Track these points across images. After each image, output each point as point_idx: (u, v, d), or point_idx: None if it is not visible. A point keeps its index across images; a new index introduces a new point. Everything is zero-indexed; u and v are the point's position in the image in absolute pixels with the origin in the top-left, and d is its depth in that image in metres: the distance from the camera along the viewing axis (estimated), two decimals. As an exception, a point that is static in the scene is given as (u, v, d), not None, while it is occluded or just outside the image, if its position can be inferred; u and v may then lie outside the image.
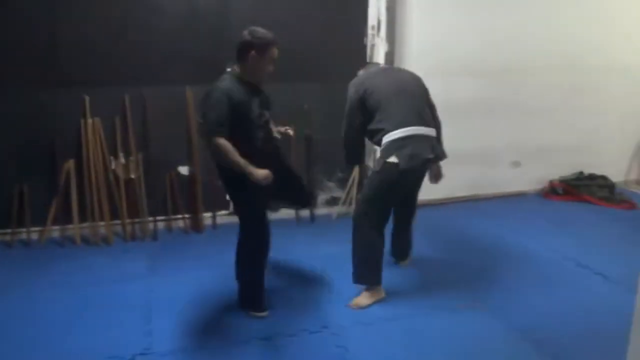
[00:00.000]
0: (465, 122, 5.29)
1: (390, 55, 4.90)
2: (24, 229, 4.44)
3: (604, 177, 5.62)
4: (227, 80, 3.00)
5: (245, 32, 3.01)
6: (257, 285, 3.30)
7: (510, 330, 3.14)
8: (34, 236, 4.46)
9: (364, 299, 3.40)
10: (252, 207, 3.18)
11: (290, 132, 3.44)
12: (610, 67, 5.56)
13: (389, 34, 4.87)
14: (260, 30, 3.00)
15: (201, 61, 4.55)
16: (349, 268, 3.48)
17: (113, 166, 4.49)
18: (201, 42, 4.54)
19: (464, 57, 5.13)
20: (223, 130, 2.89)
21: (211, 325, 3.21)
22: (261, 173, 2.91)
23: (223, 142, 2.89)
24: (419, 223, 4.21)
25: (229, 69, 3.14)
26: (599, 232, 4.74)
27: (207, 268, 3.96)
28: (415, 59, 5.06)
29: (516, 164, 5.62)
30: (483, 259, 4.14)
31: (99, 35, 4.30)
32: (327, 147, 5.05)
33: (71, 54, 4.28)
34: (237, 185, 3.07)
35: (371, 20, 4.88)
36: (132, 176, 4.53)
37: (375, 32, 4.88)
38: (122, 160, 4.50)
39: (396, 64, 4.96)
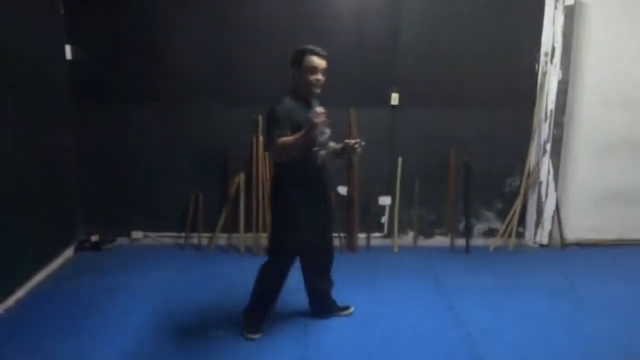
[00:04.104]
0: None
1: (563, 84, 4.66)
2: (196, 234, 4.82)
3: None
4: (286, 99, 3.07)
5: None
6: (260, 309, 3.37)
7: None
8: (204, 242, 4.83)
9: None
10: (287, 236, 3.22)
11: (357, 146, 3.15)
12: None
13: (564, 61, 4.64)
14: (304, 45, 3.09)
15: (367, 85, 4.68)
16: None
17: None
18: (368, 68, 4.70)
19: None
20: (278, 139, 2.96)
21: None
22: (312, 115, 2.81)
23: (279, 143, 2.91)
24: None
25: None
26: None
27: (359, 291, 4.03)
28: (592, 88, 4.78)
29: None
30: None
31: (267, 59, 4.60)
32: (487, 176, 4.91)
33: (244, 74, 4.61)
34: (279, 206, 3.22)
35: (545, 47, 4.66)
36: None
37: (548, 58, 4.67)
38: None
39: (569, 93, 4.71)
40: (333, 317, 3.58)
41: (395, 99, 4.73)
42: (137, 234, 4.93)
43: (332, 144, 3.31)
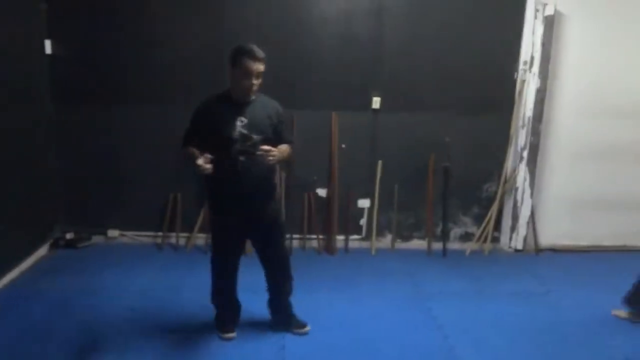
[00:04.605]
0: (618, 167, 4.98)
1: (541, 92, 4.74)
2: (174, 234, 4.78)
3: None
4: (213, 98, 3.04)
5: None
6: (219, 307, 3.38)
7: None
8: (182, 241, 4.80)
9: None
10: (215, 233, 3.23)
11: (267, 155, 2.87)
12: None
13: (542, 70, 4.71)
14: (244, 45, 2.91)
15: (350, 88, 4.69)
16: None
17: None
18: (351, 72, 4.72)
19: (624, 97, 4.83)
20: (188, 145, 3.03)
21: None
22: (200, 162, 2.80)
23: (184, 151, 3.04)
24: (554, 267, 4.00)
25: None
26: None
27: (337, 293, 4.05)
28: (569, 97, 4.87)
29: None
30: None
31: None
32: (465, 181, 4.96)
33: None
34: (210, 207, 3.24)
35: (524, 56, 4.74)
36: (274, 194, 4.73)
37: (527, 67, 4.74)
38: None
39: (547, 101, 4.79)
40: (288, 332, 3.40)
41: (376, 103, 4.76)
42: (113, 233, 4.87)
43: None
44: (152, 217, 4.85)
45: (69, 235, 4.73)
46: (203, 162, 2.80)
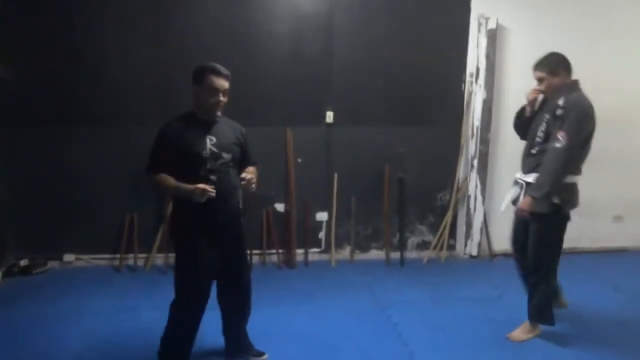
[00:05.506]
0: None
1: (488, 103, 4.91)
2: (132, 255, 4.72)
3: None
4: (175, 120, 2.92)
5: None
6: (171, 341, 3.04)
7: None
8: (140, 262, 4.74)
9: (522, 333, 3.60)
10: (181, 264, 2.98)
11: (250, 183, 2.90)
12: None
13: (488, 81, 4.88)
14: (207, 63, 2.88)
15: (303, 104, 4.77)
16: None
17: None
18: (304, 88, 4.80)
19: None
20: (156, 168, 2.87)
21: None
22: (191, 187, 2.73)
23: (155, 178, 2.87)
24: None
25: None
26: None
27: (298, 306, 4.08)
28: (514, 107, 4.98)
29: (618, 218, 5.36)
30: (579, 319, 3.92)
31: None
32: (420, 190, 5.07)
33: (181, 95, 4.52)
34: (177, 234, 3.01)
35: (470, 68, 4.90)
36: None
37: (473, 79, 4.90)
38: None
39: (494, 111, 4.96)
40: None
41: (330, 117, 4.83)
42: (69, 257, 4.77)
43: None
44: (108, 239, 4.78)
45: (23, 262, 4.61)
46: (203, 186, 2.73)
